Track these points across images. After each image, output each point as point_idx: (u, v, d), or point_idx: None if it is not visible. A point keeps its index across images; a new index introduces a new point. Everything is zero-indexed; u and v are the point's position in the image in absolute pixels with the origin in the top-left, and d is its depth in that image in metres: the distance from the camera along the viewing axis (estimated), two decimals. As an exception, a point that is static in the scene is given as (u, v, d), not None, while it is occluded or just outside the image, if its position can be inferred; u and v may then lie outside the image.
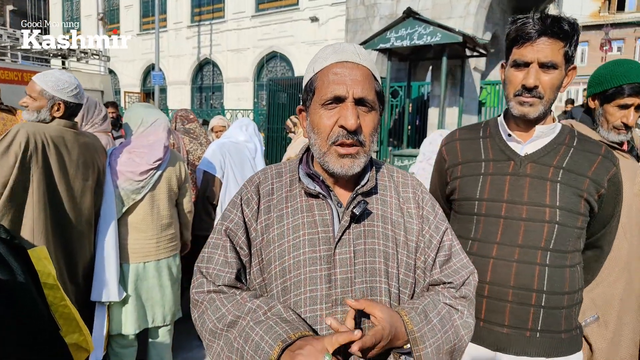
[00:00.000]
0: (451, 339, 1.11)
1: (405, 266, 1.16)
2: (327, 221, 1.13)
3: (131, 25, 22.35)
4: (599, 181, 1.41)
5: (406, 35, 8.04)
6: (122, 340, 2.63)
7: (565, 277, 1.40)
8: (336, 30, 15.20)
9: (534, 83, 1.36)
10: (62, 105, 2.28)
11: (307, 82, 1.15)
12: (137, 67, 22.34)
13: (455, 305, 1.16)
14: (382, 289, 1.11)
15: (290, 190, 1.19)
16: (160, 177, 2.60)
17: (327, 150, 1.10)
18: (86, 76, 9.92)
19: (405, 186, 1.26)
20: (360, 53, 1.13)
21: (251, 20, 18.10)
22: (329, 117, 1.08)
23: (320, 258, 1.09)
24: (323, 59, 1.12)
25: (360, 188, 1.15)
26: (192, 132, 3.92)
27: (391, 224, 1.17)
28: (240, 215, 1.17)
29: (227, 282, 1.11)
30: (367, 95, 1.08)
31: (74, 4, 24.73)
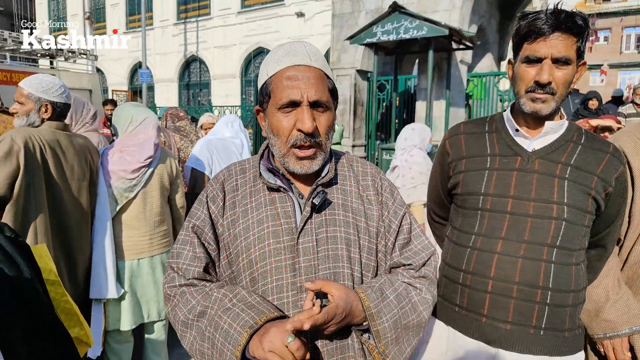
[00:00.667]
0: (408, 314, 1.18)
1: (367, 251, 1.22)
2: (289, 213, 1.18)
3: (117, 23, 22.13)
4: (607, 179, 1.39)
5: (392, 30, 8.08)
6: (119, 336, 2.68)
7: (571, 275, 1.37)
8: (322, 25, 15.21)
9: (548, 79, 1.34)
10: (50, 106, 2.32)
11: (262, 85, 1.18)
12: (125, 66, 22.16)
13: (414, 284, 1.23)
14: (345, 274, 1.17)
15: (254, 186, 1.24)
16: (152, 175, 2.64)
17: (286, 152, 1.15)
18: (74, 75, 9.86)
19: (364, 175, 1.31)
20: (312, 54, 1.16)
21: (237, 17, 18.02)
22: (287, 121, 1.13)
23: (285, 248, 1.15)
24: (276, 63, 1.15)
25: (320, 180, 1.21)
26: (183, 129, 3.96)
27: (352, 212, 1.23)
28: (206, 212, 1.23)
29: (196, 275, 1.17)
30: (321, 97, 1.12)
31: (60, 4, 24.44)
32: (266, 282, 1.14)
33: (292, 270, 1.14)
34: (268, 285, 1.14)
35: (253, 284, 1.16)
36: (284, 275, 1.14)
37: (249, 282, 1.17)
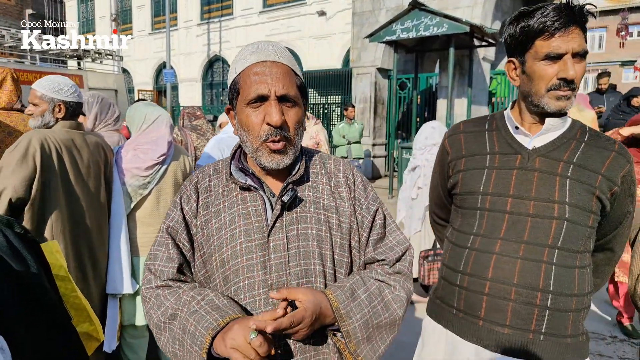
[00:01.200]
0: (380, 313, 1.17)
1: (340, 247, 1.22)
2: (259, 211, 1.19)
3: (143, 24, 22.54)
4: (612, 178, 1.33)
5: (412, 27, 8.02)
6: (134, 331, 2.74)
7: (574, 277, 1.32)
8: (343, 24, 15.17)
9: (575, 74, 1.28)
10: (63, 106, 2.40)
11: (230, 82, 1.20)
12: (150, 66, 22.55)
13: (388, 281, 1.22)
14: (316, 271, 1.17)
15: (227, 186, 1.25)
16: (165, 172, 2.69)
17: (259, 146, 1.16)
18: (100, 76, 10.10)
19: (337, 171, 1.31)
20: (279, 51, 1.18)
21: (259, 16, 18.13)
22: (256, 116, 1.14)
23: (256, 246, 1.16)
24: (244, 60, 1.17)
25: (291, 177, 1.21)
26: (200, 128, 4.01)
27: (323, 209, 1.23)
28: (180, 213, 1.24)
29: (171, 276, 1.18)
30: (288, 91, 1.14)
31: (89, 6, 25.01)
32: (238, 281, 1.15)
33: (263, 268, 1.14)
34: (240, 283, 1.15)
35: (226, 283, 1.17)
36: (255, 273, 1.15)
37: (221, 280, 1.18)
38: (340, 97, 13.04)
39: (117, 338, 2.64)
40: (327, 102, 13.61)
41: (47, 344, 1.36)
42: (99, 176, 2.49)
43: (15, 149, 2.13)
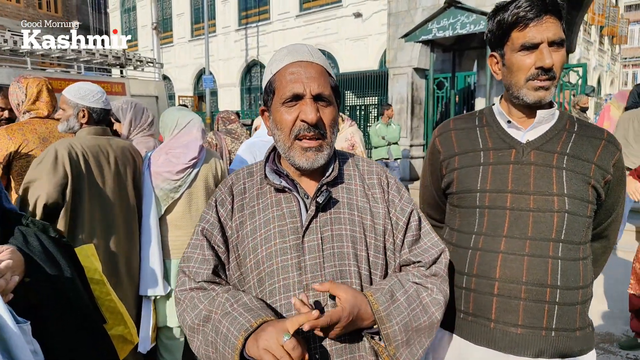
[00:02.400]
0: (419, 316, 1.15)
1: (374, 248, 1.21)
2: (294, 212, 1.19)
3: (183, 32, 23.16)
4: (604, 167, 1.34)
5: (448, 26, 7.88)
6: (169, 332, 2.77)
7: (579, 270, 1.31)
8: (379, 25, 15.09)
9: (552, 62, 1.28)
10: (86, 112, 2.45)
11: (266, 83, 1.21)
12: (190, 72, 23.13)
13: (425, 284, 1.20)
14: (352, 272, 1.16)
15: (261, 188, 1.26)
16: (196, 175, 2.71)
17: (290, 144, 1.17)
18: (142, 83, 10.42)
19: (370, 174, 1.31)
20: (313, 52, 1.20)
21: (296, 20, 18.29)
22: (290, 113, 1.15)
23: (290, 247, 1.16)
24: (279, 61, 1.19)
25: (325, 179, 1.21)
26: (234, 132, 4.06)
27: (357, 210, 1.22)
28: (215, 215, 1.25)
29: (205, 278, 1.18)
30: (323, 90, 1.15)
31: (131, 16, 25.93)
32: (273, 282, 1.15)
33: (298, 269, 1.14)
34: (275, 284, 1.15)
35: (260, 284, 1.18)
36: (290, 274, 1.14)
37: (256, 282, 1.18)
38: (377, 99, 12.97)
39: (152, 339, 2.69)
40: (364, 104, 13.55)
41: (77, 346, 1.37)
42: (126, 179, 2.53)
43: (44, 159, 2.19)
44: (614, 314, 4.08)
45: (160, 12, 22.38)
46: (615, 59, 31.74)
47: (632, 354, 3.48)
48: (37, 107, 2.89)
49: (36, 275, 1.25)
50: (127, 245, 2.51)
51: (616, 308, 4.22)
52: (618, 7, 28.73)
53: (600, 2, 23.76)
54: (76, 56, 8.98)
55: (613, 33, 27.73)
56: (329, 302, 1.12)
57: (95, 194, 2.35)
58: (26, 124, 2.78)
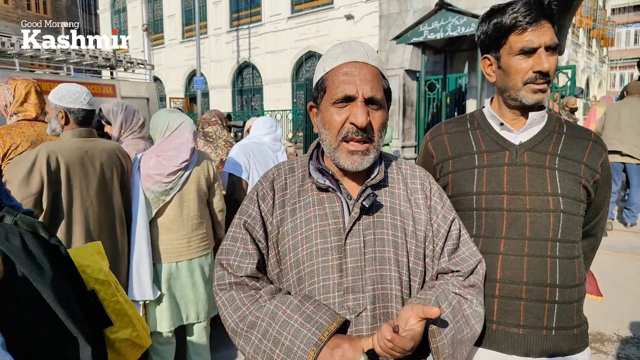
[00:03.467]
0: (462, 328, 1.14)
1: (415, 255, 1.20)
2: (337, 213, 1.18)
3: (174, 33, 23.04)
4: (593, 166, 1.38)
5: (439, 28, 7.92)
6: (160, 337, 2.75)
7: (575, 268, 1.35)
8: (371, 27, 15.11)
9: (549, 66, 1.31)
10: (64, 112, 2.41)
11: (317, 80, 1.20)
12: (181, 74, 23.01)
13: (465, 295, 1.19)
14: (392, 277, 1.15)
15: (302, 185, 1.24)
16: (188, 178, 2.70)
17: (337, 146, 1.15)
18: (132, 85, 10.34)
19: (413, 178, 1.29)
20: (369, 53, 1.18)
21: (287, 22, 18.27)
22: (340, 114, 1.13)
23: (332, 248, 1.15)
24: (333, 59, 1.17)
25: (370, 181, 1.20)
26: (210, 135, 4.02)
27: (400, 215, 1.21)
28: (257, 210, 1.23)
29: (249, 272, 1.16)
30: (376, 94, 1.13)
31: (121, 17, 25.76)
32: (313, 282, 1.14)
33: (339, 271, 1.13)
34: (315, 285, 1.14)
35: (300, 283, 1.16)
36: (330, 276, 1.13)
37: (295, 280, 1.17)
38: (369, 100, 12.96)
39: (143, 344, 2.66)
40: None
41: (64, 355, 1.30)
42: (114, 183, 2.50)
43: (22, 163, 2.16)
44: (606, 314, 4.11)
45: (151, 14, 22.27)
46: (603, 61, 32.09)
47: (622, 352, 3.50)
48: (25, 109, 2.85)
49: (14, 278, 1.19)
50: (112, 248, 2.47)
51: (607, 308, 4.24)
52: (605, 10, 29.07)
53: (588, 5, 24.01)
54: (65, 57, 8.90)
55: (601, 35, 28.03)
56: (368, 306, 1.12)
57: (76, 198, 2.31)
58: (14, 127, 2.75)
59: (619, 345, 3.62)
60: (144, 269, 2.58)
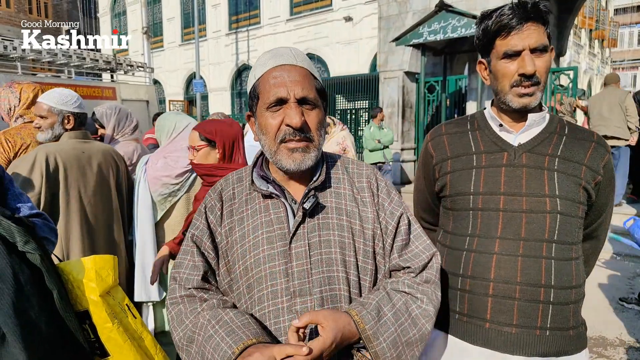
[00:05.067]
0: (408, 330, 1.12)
1: (363, 254, 1.19)
2: (281, 219, 1.18)
3: (173, 36, 23.08)
4: (595, 168, 1.37)
5: (439, 29, 7.92)
6: (165, 337, 2.74)
7: (572, 270, 1.34)
8: (370, 29, 15.14)
9: (533, 68, 1.32)
10: (72, 117, 2.45)
11: (250, 88, 1.20)
12: (180, 77, 23.04)
13: (415, 293, 1.17)
14: (340, 278, 1.15)
15: (250, 194, 1.24)
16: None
17: (277, 148, 1.15)
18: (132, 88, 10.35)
19: (360, 176, 1.29)
20: (297, 55, 1.18)
21: (286, 24, 18.30)
22: (275, 118, 1.14)
23: (278, 254, 1.15)
24: (262, 65, 1.17)
25: (313, 183, 1.19)
26: None
27: (346, 215, 1.20)
28: (204, 222, 1.24)
29: (195, 284, 1.17)
30: (308, 94, 1.13)
31: (122, 20, 25.81)
32: (261, 288, 1.15)
33: (286, 276, 1.13)
34: (263, 291, 1.15)
35: (249, 291, 1.17)
36: (278, 281, 1.13)
37: (245, 288, 1.18)
38: (368, 102, 12.99)
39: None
40: (355, 108, 13.55)
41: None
42: (110, 184, 2.52)
43: (21, 164, 2.17)
44: (607, 318, 4.09)
45: (150, 17, 22.31)
46: (606, 62, 32.07)
47: (625, 357, 3.49)
48: (31, 112, 2.85)
49: None
50: (109, 248, 2.47)
51: (609, 312, 4.23)
52: (608, 10, 29.07)
53: (590, 6, 24.03)
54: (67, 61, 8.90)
55: (603, 36, 28.02)
56: (317, 308, 1.11)
57: (73, 198, 2.32)
58: (23, 128, 2.76)
59: (622, 350, 3.59)
60: (149, 271, 2.56)
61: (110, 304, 1.48)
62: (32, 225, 1.34)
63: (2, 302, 1.14)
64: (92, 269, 1.46)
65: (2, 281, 1.15)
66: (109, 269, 1.51)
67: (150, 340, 1.59)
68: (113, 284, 1.53)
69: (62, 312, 1.30)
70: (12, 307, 1.14)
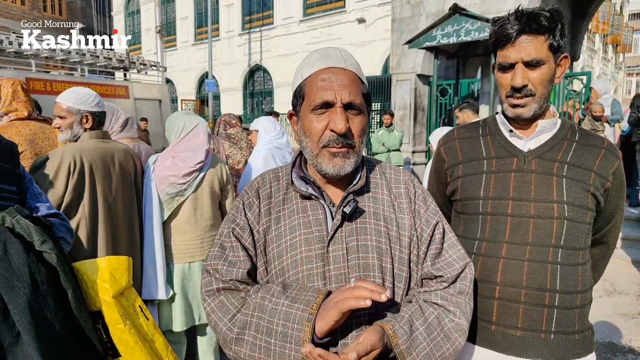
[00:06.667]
0: (441, 344, 1.11)
1: (399, 260, 1.18)
2: (320, 221, 1.17)
3: (186, 36, 23.21)
4: (604, 175, 1.38)
5: (452, 32, 7.87)
6: (172, 336, 2.76)
7: (578, 275, 1.35)
8: (383, 31, 15.10)
9: (522, 82, 1.34)
10: (90, 117, 2.45)
11: (296, 88, 1.19)
12: (193, 76, 23.15)
13: (447, 306, 1.16)
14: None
15: (287, 193, 1.24)
16: (202, 179, 2.72)
17: (318, 152, 1.14)
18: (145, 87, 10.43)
19: (397, 182, 1.28)
20: (346, 58, 1.17)
21: (299, 25, 18.31)
22: (319, 121, 1.13)
23: (316, 256, 1.14)
24: (310, 65, 1.16)
25: (352, 187, 1.18)
26: (233, 137, 4.04)
27: (383, 220, 1.20)
28: (244, 218, 1.22)
29: (239, 277, 1.15)
30: (354, 99, 1.12)
31: (135, 19, 26.00)
32: None
33: (323, 279, 1.13)
34: None
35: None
36: (315, 283, 1.13)
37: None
38: (380, 104, 12.95)
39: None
40: (367, 110, 13.49)
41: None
42: (131, 184, 2.54)
43: (48, 165, 2.17)
44: (617, 325, 4.05)
45: (164, 16, 22.42)
46: (619, 68, 31.75)
47: (633, 361, 3.45)
48: (16, 108, 2.85)
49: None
50: (129, 248, 2.50)
51: (619, 318, 4.19)
52: (622, 15, 28.76)
53: (605, 11, 23.79)
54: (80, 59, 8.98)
55: (617, 41, 27.74)
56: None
57: (100, 197, 2.34)
58: (9, 127, 2.74)
59: (632, 357, 3.57)
60: (158, 269, 2.59)
61: (123, 305, 1.48)
62: (49, 225, 1.34)
63: (18, 300, 1.13)
64: (107, 270, 1.45)
65: (19, 280, 1.15)
66: (123, 270, 1.51)
67: (161, 342, 1.59)
68: (127, 285, 1.52)
69: (76, 312, 1.31)
70: (28, 306, 1.14)
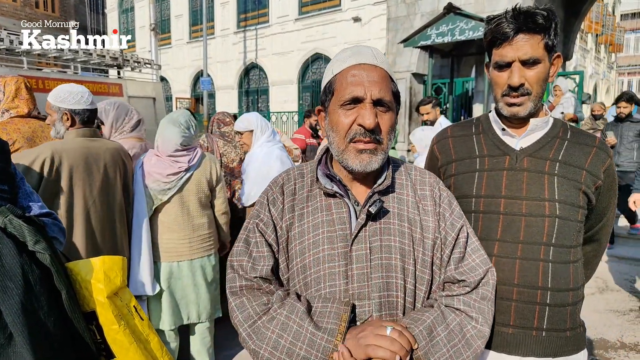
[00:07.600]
0: (462, 351, 1.10)
1: (421, 263, 1.18)
2: (344, 219, 1.17)
3: (181, 34, 23.09)
4: (595, 173, 1.39)
5: (447, 31, 7.90)
6: (162, 336, 2.75)
7: (569, 273, 1.36)
8: (379, 29, 15.09)
9: (519, 81, 1.34)
10: (69, 114, 2.38)
11: (326, 83, 1.19)
12: (187, 74, 23.05)
13: (469, 312, 1.15)
14: (398, 285, 1.14)
15: (311, 190, 1.24)
16: (188, 180, 2.71)
17: (345, 147, 1.14)
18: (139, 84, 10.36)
19: (422, 184, 1.27)
20: (377, 55, 1.17)
21: (295, 24, 18.27)
22: (347, 116, 1.13)
23: (338, 255, 1.14)
24: (342, 61, 1.16)
25: (377, 187, 1.18)
26: (227, 135, 4.03)
27: (407, 222, 1.19)
28: (268, 214, 1.22)
29: (263, 274, 1.15)
30: (384, 96, 1.12)
31: (129, 17, 25.85)
32: (319, 288, 1.14)
33: (345, 278, 1.13)
34: (321, 291, 1.14)
35: (306, 289, 1.16)
36: (336, 282, 1.13)
37: (302, 286, 1.17)
38: (375, 103, 12.94)
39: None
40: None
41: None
42: (116, 183, 2.49)
43: (22, 160, 2.13)
44: (608, 321, 4.08)
45: (158, 14, 22.30)
46: (611, 67, 31.94)
47: (626, 359, 3.48)
48: (17, 105, 2.82)
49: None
50: (112, 248, 2.45)
51: (611, 314, 4.22)
52: (614, 15, 28.95)
53: (597, 11, 23.92)
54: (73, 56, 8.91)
55: (609, 41, 27.92)
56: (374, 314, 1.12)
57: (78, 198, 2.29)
58: (8, 123, 2.72)
59: (623, 353, 3.60)
60: (143, 264, 2.59)
61: (118, 305, 1.46)
62: (42, 225, 1.32)
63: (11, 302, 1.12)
64: (101, 270, 1.43)
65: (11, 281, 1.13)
66: (118, 270, 1.49)
67: (156, 342, 1.57)
68: (121, 285, 1.51)
69: (70, 312, 1.29)
70: (20, 307, 1.12)
